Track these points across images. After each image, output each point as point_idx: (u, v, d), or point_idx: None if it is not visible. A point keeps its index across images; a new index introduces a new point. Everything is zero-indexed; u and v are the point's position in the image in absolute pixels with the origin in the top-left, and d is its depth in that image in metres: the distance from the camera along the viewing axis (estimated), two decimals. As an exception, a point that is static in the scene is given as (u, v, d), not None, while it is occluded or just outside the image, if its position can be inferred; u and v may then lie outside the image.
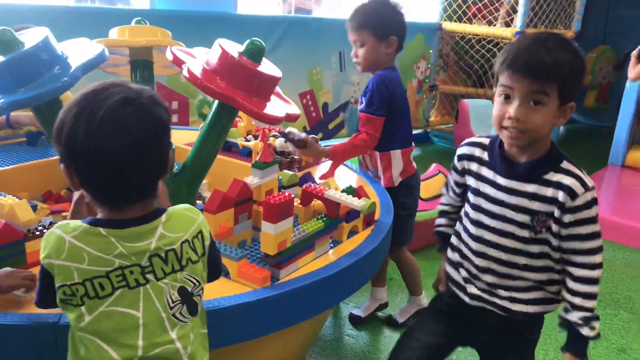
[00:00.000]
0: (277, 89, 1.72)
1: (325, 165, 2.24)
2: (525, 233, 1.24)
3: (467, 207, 1.35)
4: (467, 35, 5.26)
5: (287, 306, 1.26)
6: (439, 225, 1.52)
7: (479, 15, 5.19)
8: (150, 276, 0.96)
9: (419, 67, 5.33)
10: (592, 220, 1.22)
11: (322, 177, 1.97)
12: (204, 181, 1.96)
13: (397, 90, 2.04)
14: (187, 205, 1.06)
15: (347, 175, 2.15)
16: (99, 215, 0.99)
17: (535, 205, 1.22)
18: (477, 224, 1.30)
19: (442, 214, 1.53)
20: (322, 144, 4.18)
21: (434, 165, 3.59)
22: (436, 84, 5.51)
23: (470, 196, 1.33)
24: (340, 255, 1.45)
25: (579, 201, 1.19)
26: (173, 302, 0.97)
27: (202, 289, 1.03)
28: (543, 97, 1.15)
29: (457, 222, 1.41)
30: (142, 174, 0.96)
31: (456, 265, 1.40)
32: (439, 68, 5.51)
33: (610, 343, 2.40)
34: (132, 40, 1.80)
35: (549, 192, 1.21)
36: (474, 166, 1.33)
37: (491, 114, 1.25)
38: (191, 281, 1.00)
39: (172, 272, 0.98)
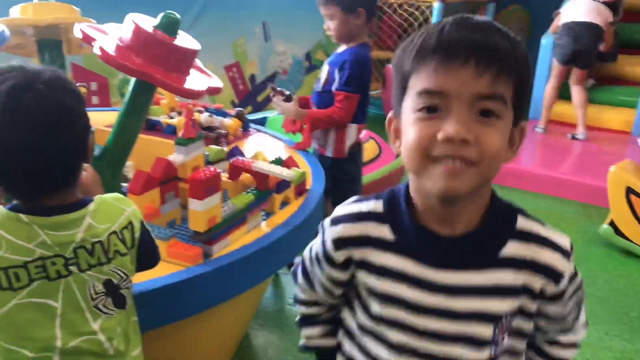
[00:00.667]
0: (198, 62, 1.67)
1: (254, 138, 2.22)
2: (484, 355, 0.78)
3: (367, 321, 0.83)
4: (388, 0, 5.30)
5: (221, 281, 1.25)
6: (309, 338, 0.95)
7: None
8: (73, 268, 0.92)
9: (344, 34, 5.33)
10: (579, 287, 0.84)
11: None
12: (129, 163, 1.90)
13: (367, 69, 2.13)
14: (116, 195, 1.02)
15: (275, 146, 2.14)
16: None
17: (496, 306, 0.76)
18: (399, 349, 0.79)
19: (308, 321, 0.95)
20: (252, 116, 4.12)
21: (364, 131, 3.62)
22: (362, 50, 5.52)
23: (374, 304, 0.80)
24: (273, 226, 1.46)
25: (565, 281, 0.79)
26: (96, 293, 0.94)
27: (131, 281, 1.00)
28: (497, 104, 0.69)
29: (343, 335, 0.90)
30: (51, 163, 0.90)
31: None
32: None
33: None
34: (37, 18, 1.70)
35: (515, 279, 0.76)
36: (370, 255, 0.79)
37: None
38: (118, 274, 0.97)
39: (97, 264, 0.94)
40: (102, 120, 2.21)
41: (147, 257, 1.05)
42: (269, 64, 4.68)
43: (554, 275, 0.77)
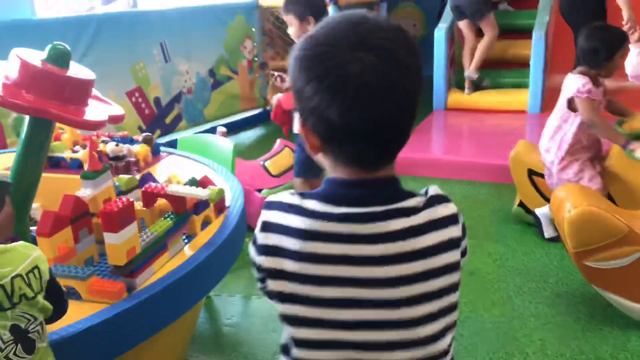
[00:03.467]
0: (96, 92, 1.61)
1: (166, 162, 2.17)
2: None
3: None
4: (285, 9, 5.35)
5: (149, 314, 1.21)
6: None
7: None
8: None
9: (246, 47, 5.32)
10: None
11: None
12: (36, 205, 1.80)
13: None
14: (23, 243, 0.99)
15: (188, 167, 2.10)
16: None
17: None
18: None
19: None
20: (162, 140, 4.01)
21: (278, 141, 3.63)
22: (265, 62, 5.55)
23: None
24: (196, 249, 1.43)
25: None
26: (4, 343, 0.89)
27: (42, 323, 0.96)
28: None
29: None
30: None
31: None
32: (265, 45, 5.55)
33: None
34: None
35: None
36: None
37: None
38: (25, 317, 0.92)
39: (0, 310, 0.89)
40: (0, 163, 2.08)
41: (55, 305, 1.00)
42: (173, 84, 4.58)
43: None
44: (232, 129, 5.17)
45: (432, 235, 0.80)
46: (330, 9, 4.88)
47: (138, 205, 1.49)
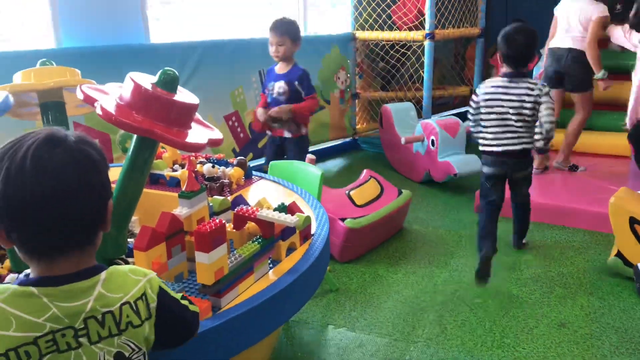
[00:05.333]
0: (197, 115, 1.70)
1: (257, 185, 2.23)
2: None
3: None
4: (380, 42, 5.42)
5: (231, 334, 1.24)
6: None
7: (390, 21, 5.35)
8: (83, 340, 0.89)
9: (339, 78, 5.43)
10: None
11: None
12: (134, 218, 1.91)
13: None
14: (132, 267, 1.00)
15: (278, 192, 2.15)
16: (30, 274, 0.92)
17: None
18: None
19: None
20: (253, 163, 4.14)
21: (365, 171, 3.64)
22: (357, 92, 5.62)
23: None
24: (280, 274, 1.45)
25: None
26: None
27: (145, 354, 0.98)
28: None
29: None
30: (73, 219, 0.89)
31: None
32: (357, 76, 5.63)
33: (550, 319, 2.51)
34: (39, 83, 1.73)
35: None
36: None
37: (413, 115, 1.34)
38: (130, 346, 0.94)
39: (108, 336, 0.92)
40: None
41: (169, 329, 1.02)
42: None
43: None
44: (321, 156, 5.26)
45: None
46: (427, 44, 4.88)
47: (229, 226, 1.55)
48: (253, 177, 2.33)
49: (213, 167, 2.16)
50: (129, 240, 1.74)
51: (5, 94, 1.48)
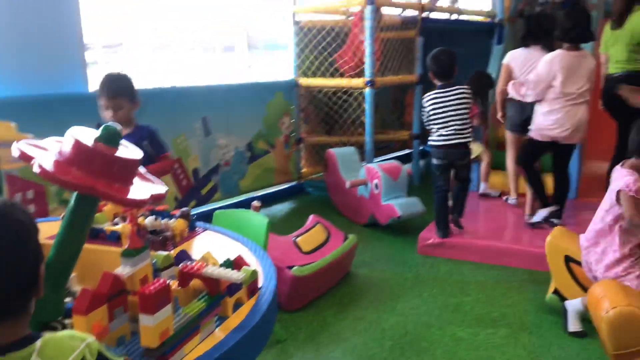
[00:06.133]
0: (141, 168, 1.68)
1: (201, 237, 2.20)
2: None
3: None
4: (322, 88, 5.56)
5: (178, 399, 1.19)
6: None
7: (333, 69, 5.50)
8: None
9: (284, 123, 5.49)
10: None
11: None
12: (72, 274, 1.84)
13: None
14: (69, 332, 0.98)
15: (223, 244, 2.13)
16: None
17: None
18: None
19: None
20: (196, 210, 4.07)
21: (311, 217, 3.67)
22: (302, 137, 5.70)
23: None
24: (227, 331, 1.42)
25: None
26: None
27: None
28: None
29: None
30: (3, 287, 0.87)
31: None
32: (301, 121, 5.72)
33: (495, 361, 2.56)
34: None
35: None
36: None
37: (356, 159, 1.35)
38: None
39: None
40: (42, 231, 2.15)
41: None
42: (211, 156, 4.72)
43: None
44: (267, 201, 5.25)
45: None
46: (367, 92, 5.03)
47: (173, 283, 1.51)
48: (197, 228, 2.29)
49: (156, 219, 2.12)
50: (66, 300, 1.68)
51: None
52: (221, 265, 1.51)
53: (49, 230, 2.16)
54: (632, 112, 3.86)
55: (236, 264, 1.61)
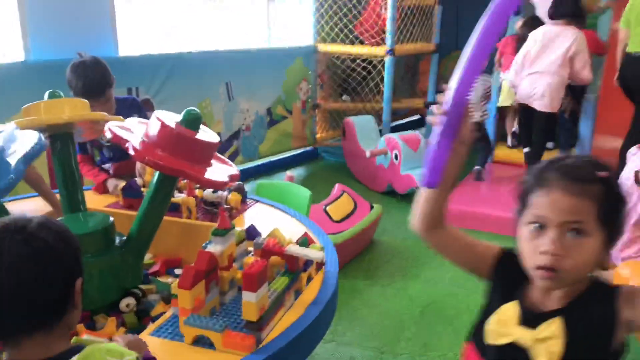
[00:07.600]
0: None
1: (253, 209, 2.31)
2: None
3: None
4: (341, 55, 5.59)
5: (275, 367, 1.33)
6: None
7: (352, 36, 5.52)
8: None
9: (302, 89, 5.54)
10: None
11: None
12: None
13: None
14: (111, 345, 0.95)
15: (274, 217, 2.23)
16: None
17: None
18: None
19: None
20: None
21: (336, 186, 3.78)
22: (318, 103, 5.76)
23: None
24: (305, 305, 1.54)
25: None
26: None
27: None
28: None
29: None
30: (31, 308, 0.87)
31: None
32: (318, 87, 5.77)
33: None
34: (54, 117, 1.76)
35: None
36: None
37: (374, 127, 1.21)
38: None
39: None
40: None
41: None
42: (234, 121, 4.79)
43: None
44: (283, 165, 5.36)
45: None
46: (387, 60, 5.07)
47: (249, 259, 1.63)
48: (248, 201, 2.40)
49: (214, 192, 2.22)
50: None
51: (38, 135, 1.50)
52: (300, 245, 1.62)
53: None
54: None
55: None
